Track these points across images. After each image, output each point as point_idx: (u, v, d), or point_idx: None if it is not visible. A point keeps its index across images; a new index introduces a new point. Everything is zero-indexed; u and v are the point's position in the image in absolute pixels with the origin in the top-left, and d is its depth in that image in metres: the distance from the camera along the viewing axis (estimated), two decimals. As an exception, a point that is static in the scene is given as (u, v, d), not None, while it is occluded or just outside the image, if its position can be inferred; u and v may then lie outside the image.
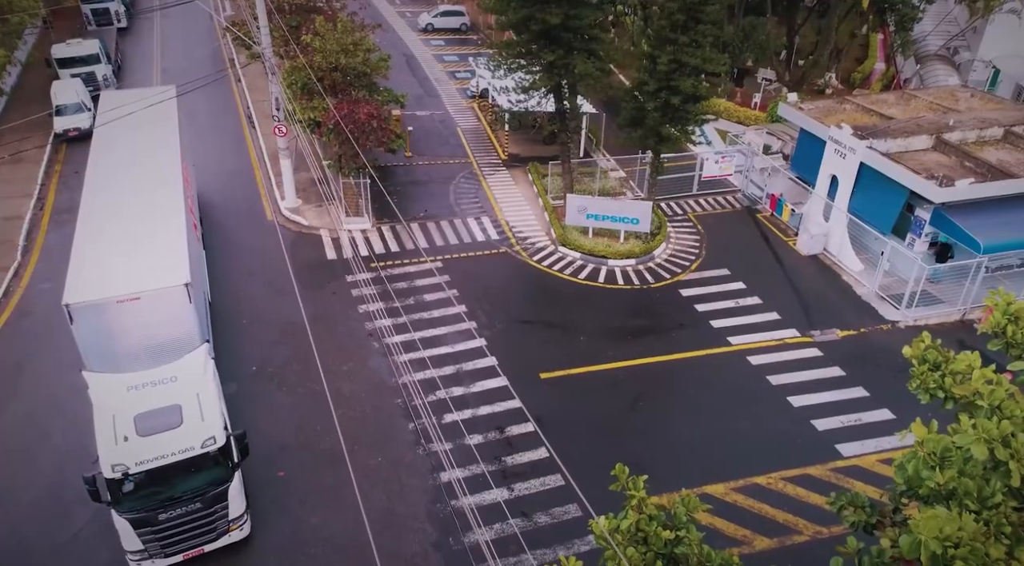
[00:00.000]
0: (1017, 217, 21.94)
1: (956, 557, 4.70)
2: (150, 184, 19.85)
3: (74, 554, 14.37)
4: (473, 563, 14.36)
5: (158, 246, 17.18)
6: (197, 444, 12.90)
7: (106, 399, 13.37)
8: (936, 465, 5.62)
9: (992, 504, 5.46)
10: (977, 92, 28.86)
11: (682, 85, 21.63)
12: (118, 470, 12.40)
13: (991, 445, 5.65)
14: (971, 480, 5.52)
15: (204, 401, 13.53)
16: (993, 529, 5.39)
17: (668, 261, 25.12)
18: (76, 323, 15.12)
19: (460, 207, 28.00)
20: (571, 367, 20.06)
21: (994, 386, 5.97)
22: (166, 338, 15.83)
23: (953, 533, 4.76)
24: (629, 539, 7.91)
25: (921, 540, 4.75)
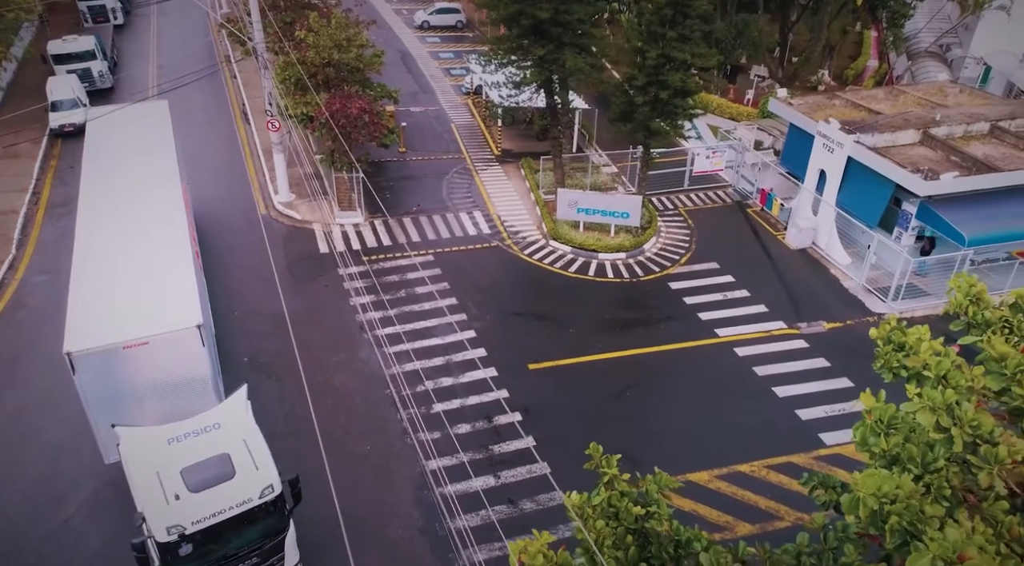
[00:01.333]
0: (1002, 211, 22.15)
1: (892, 512, 4.91)
2: (151, 214, 18.23)
3: (65, 540, 14.58)
4: (458, 547, 14.57)
5: (165, 284, 15.68)
6: (255, 494, 11.89)
7: (145, 454, 12.27)
8: (882, 432, 5.83)
9: (934, 468, 5.67)
10: (966, 88, 29.08)
11: (670, 79, 21.84)
12: (174, 532, 11.25)
13: (936, 413, 5.87)
14: (915, 446, 5.73)
15: (253, 447, 12.53)
16: (934, 491, 5.60)
17: (658, 255, 25.33)
18: (79, 372, 13.52)
19: (452, 202, 28.20)
20: (559, 358, 20.27)
21: (941, 358, 6.18)
22: (178, 384, 14.52)
23: (890, 491, 4.97)
24: (600, 514, 8.12)
25: (860, 497, 4.96)
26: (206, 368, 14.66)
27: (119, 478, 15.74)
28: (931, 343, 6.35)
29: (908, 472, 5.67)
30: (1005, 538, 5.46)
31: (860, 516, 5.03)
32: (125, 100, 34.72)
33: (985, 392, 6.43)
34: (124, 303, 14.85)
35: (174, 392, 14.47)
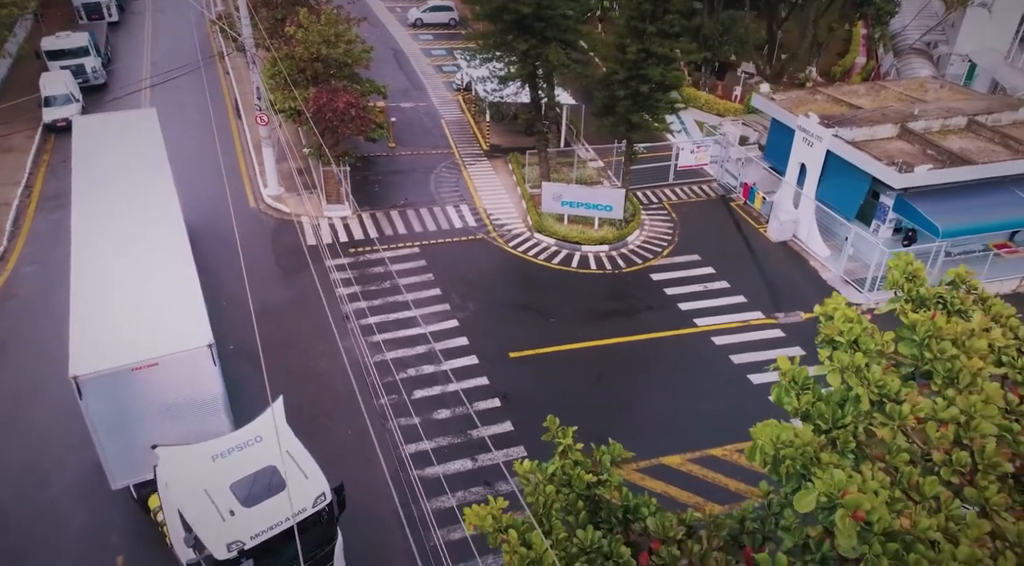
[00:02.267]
0: (977, 203, 22.54)
1: (786, 456, 5.31)
2: (151, 231, 17.40)
3: (51, 518, 14.98)
4: (434, 526, 14.96)
5: (172, 302, 14.95)
6: (308, 504, 11.79)
7: (191, 473, 11.98)
8: (795, 391, 6.23)
9: (841, 425, 6.06)
10: (946, 83, 29.46)
11: (651, 73, 22.22)
12: (234, 548, 11.05)
13: (844, 374, 6.27)
14: (824, 404, 6.12)
15: (298, 457, 12.42)
16: (840, 445, 6.00)
17: (641, 247, 25.72)
18: (86, 396, 12.93)
19: (440, 195, 28.59)
20: (540, 347, 20.67)
21: (852, 324, 6.57)
22: (188, 404, 14.02)
23: (786, 439, 5.37)
24: (553, 481, 8.52)
25: (759, 444, 5.35)
26: (217, 387, 14.15)
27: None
28: (845, 311, 6.74)
29: (817, 428, 6.07)
30: (904, 486, 5.86)
31: (758, 461, 5.42)
32: (118, 96, 35.15)
33: (897, 357, 6.83)
34: (130, 323, 14.09)
35: (184, 413, 13.97)
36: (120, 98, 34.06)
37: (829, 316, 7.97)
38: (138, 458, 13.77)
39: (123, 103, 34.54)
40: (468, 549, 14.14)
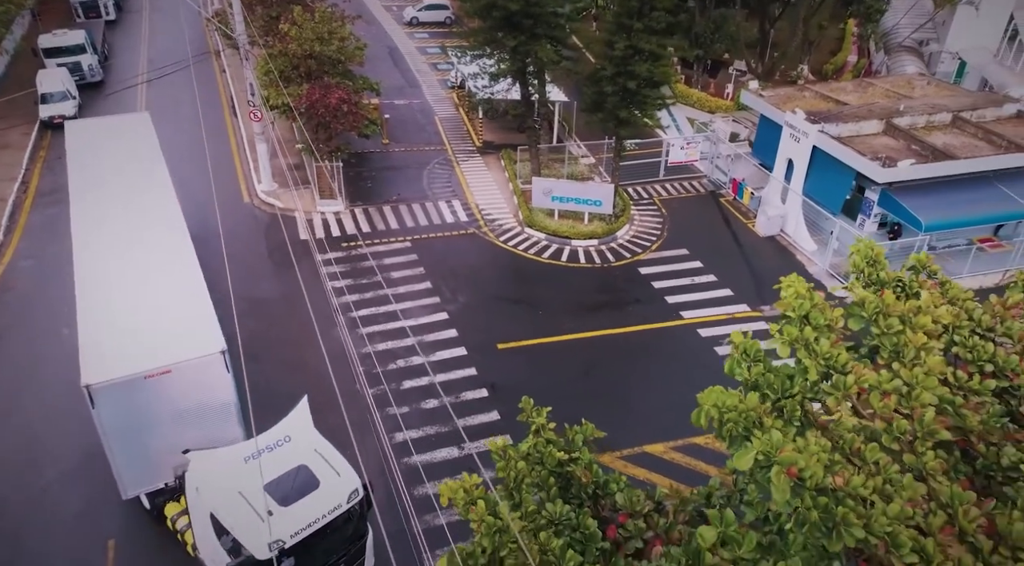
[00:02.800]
0: (960, 198, 22.85)
1: (729, 420, 5.61)
2: (155, 236, 17.23)
3: (45, 505, 15.28)
4: (414, 514, 15.26)
5: (182, 308, 14.71)
6: (343, 500, 11.92)
7: (224, 476, 11.94)
8: (746, 363, 6.53)
9: (789, 394, 6.37)
10: (933, 80, 29.77)
11: (638, 70, 22.51)
12: (275, 547, 11.11)
13: (794, 346, 6.57)
14: (773, 376, 6.43)
15: (327, 455, 12.54)
16: (787, 413, 6.30)
17: (630, 242, 26.02)
18: (98, 405, 12.78)
19: (432, 191, 28.89)
20: (528, 338, 20.97)
21: (803, 300, 6.87)
22: (200, 411, 13.91)
23: (729, 403, 5.67)
24: (526, 459, 8.83)
25: (704, 408, 5.66)
26: (230, 394, 14.03)
27: (96, 450, 16.49)
28: (796, 288, 7.04)
29: (766, 397, 6.37)
30: (846, 452, 6.17)
31: (703, 423, 5.73)
32: (115, 93, 35.50)
33: (847, 331, 7.14)
34: (141, 330, 13.87)
35: (196, 420, 13.85)
36: (117, 92, 34.44)
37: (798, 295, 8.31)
38: (150, 467, 13.76)
39: (120, 99, 34.92)
40: (450, 536, 14.43)
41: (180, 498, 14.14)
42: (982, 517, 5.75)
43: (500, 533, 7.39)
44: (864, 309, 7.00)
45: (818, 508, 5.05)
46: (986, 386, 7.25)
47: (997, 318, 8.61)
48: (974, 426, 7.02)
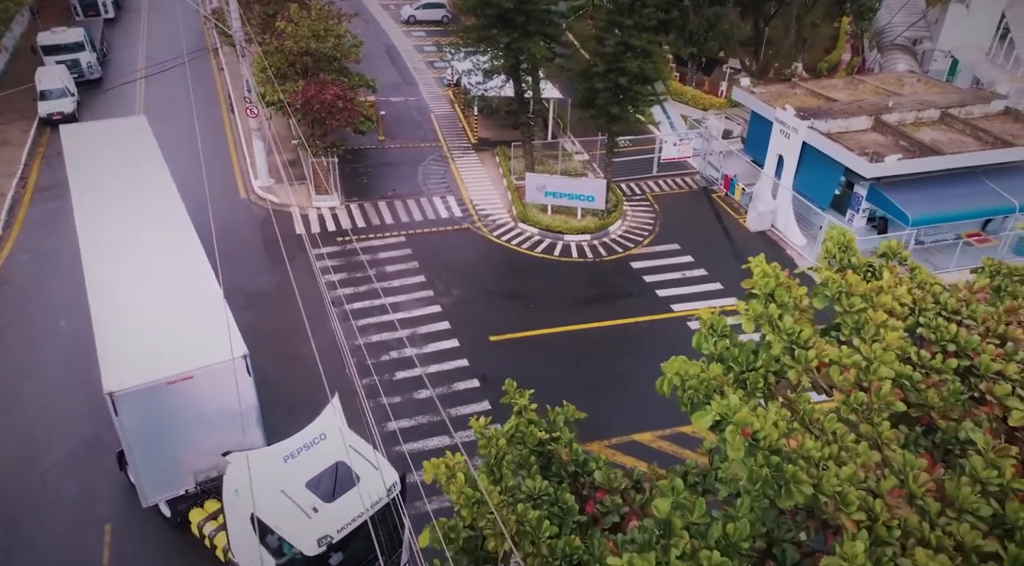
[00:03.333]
0: (947, 193, 23.13)
1: (689, 386, 5.91)
2: (162, 238, 17.20)
3: (42, 491, 15.57)
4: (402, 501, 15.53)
5: (200, 313, 14.60)
6: (383, 493, 12.11)
7: (266, 476, 11.92)
8: (713, 337, 6.82)
9: (752, 368, 6.66)
10: (923, 77, 30.07)
11: (629, 66, 22.80)
12: (323, 543, 11.27)
13: (758, 322, 6.86)
14: (738, 349, 6.72)
15: (362, 451, 12.70)
16: (750, 385, 6.59)
17: (623, 236, 26.31)
18: (122, 413, 12.70)
19: (427, 187, 29.17)
20: (521, 331, 21.25)
21: (769, 279, 7.16)
22: (222, 416, 13.90)
23: (692, 373, 5.96)
24: (508, 438, 9.12)
25: (667, 376, 5.95)
26: (252, 398, 14.05)
27: (92, 439, 16.85)
28: (763, 268, 7.33)
29: (730, 369, 6.66)
30: (806, 422, 6.46)
31: (666, 390, 6.03)
32: (113, 89, 35.81)
33: (811, 309, 7.42)
34: (160, 336, 13.74)
35: (218, 425, 13.83)
36: (115, 88, 34.74)
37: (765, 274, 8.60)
38: (171, 474, 13.78)
39: (118, 97, 35.23)
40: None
41: (204, 503, 14.30)
42: (931, 482, 6.04)
43: (478, 504, 7.67)
44: (828, 289, 7.29)
45: (770, 466, 5.33)
46: (948, 365, 7.53)
47: (963, 302, 8.92)
48: (935, 403, 7.31)
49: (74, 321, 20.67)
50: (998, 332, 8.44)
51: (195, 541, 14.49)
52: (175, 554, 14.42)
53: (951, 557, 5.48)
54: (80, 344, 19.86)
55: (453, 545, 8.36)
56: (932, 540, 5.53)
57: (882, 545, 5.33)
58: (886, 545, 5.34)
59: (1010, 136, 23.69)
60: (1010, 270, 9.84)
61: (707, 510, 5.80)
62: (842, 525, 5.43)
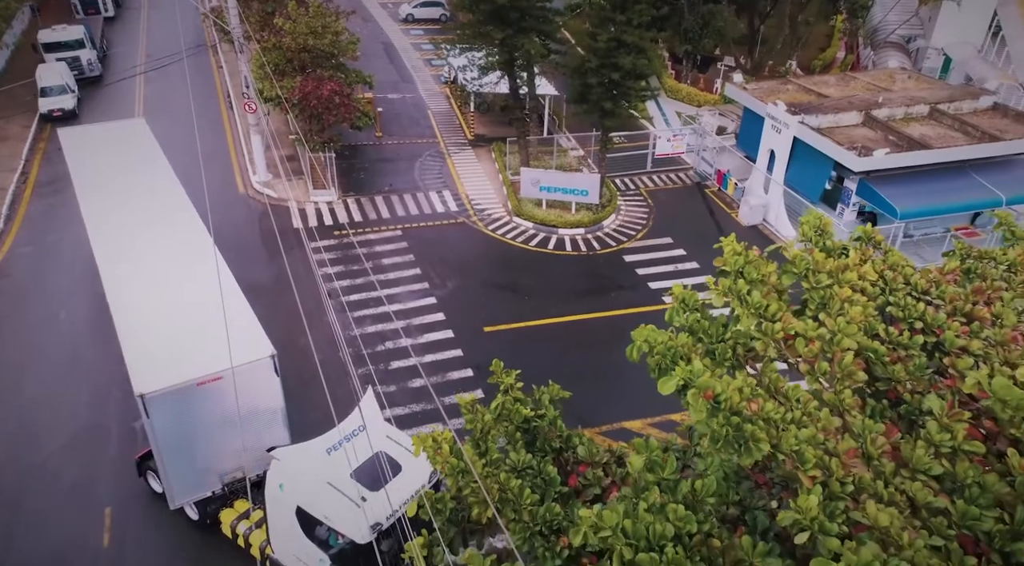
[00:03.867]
0: (935, 187, 23.47)
1: (655, 352, 6.24)
2: (175, 238, 17.30)
3: (43, 476, 15.90)
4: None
5: (221, 313, 14.33)
6: (425, 480, 12.41)
7: (311, 469, 12.24)
8: (684, 310, 7.16)
9: (721, 339, 6.99)
10: (914, 74, 30.40)
11: (621, 62, 23.13)
12: (376, 530, 11.56)
13: (727, 297, 7.20)
14: (708, 322, 7.05)
15: (400, 440, 13.02)
16: (718, 356, 6.93)
17: (616, 231, 26.65)
18: (152, 415, 12.83)
19: (424, 182, 29.51)
20: (514, 322, 21.59)
21: (738, 256, 7.49)
22: (249, 417, 13.91)
23: (660, 340, 6.30)
24: (496, 417, 9.46)
25: (636, 343, 6.29)
26: (279, 398, 14.20)
27: (92, 426, 17.21)
28: (734, 246, 7.66)
29: (700, 341, 6.99)
30: (771, 390, 6.79)
31: (635, 356, 6.37)
32: (113, 87, 36.15)
33: (779, 286, 7.75)
34: (186, 337, 13.79)
35: (245, 425, 13.85)
36: (115, 83, 35.08)
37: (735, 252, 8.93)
38: (199, 475, 13.91)
39: (119, 93, 35.59)
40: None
41: (234, 503, 14.54)
42: (888, 445, 6.37)
43: (463, 474, 8.00)
44: (796, 266, 7.62)
45: (731, 426, 5.66)
46: (915, 341, 7.88)
47: (932, 283, 9.27)
48: (902, 377, 7.65)
49: (74, 313, 21.05)
50: (964, 311, 8.80)
51: (192, 526, 14.85)
52: (173, 537, 14.76)
53: (901, 511, 5.81)
54: (80, 335, 20.29)
55: (440, 516, 8.69)
56: (884, 496, 5.86)
57: (835, 499, 5.66)
58: (839, 499, 5.66)
59: (998, 131, 24.03)
60: (980, 254, 10.21)
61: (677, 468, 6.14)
62: (799, 482, 5.76)
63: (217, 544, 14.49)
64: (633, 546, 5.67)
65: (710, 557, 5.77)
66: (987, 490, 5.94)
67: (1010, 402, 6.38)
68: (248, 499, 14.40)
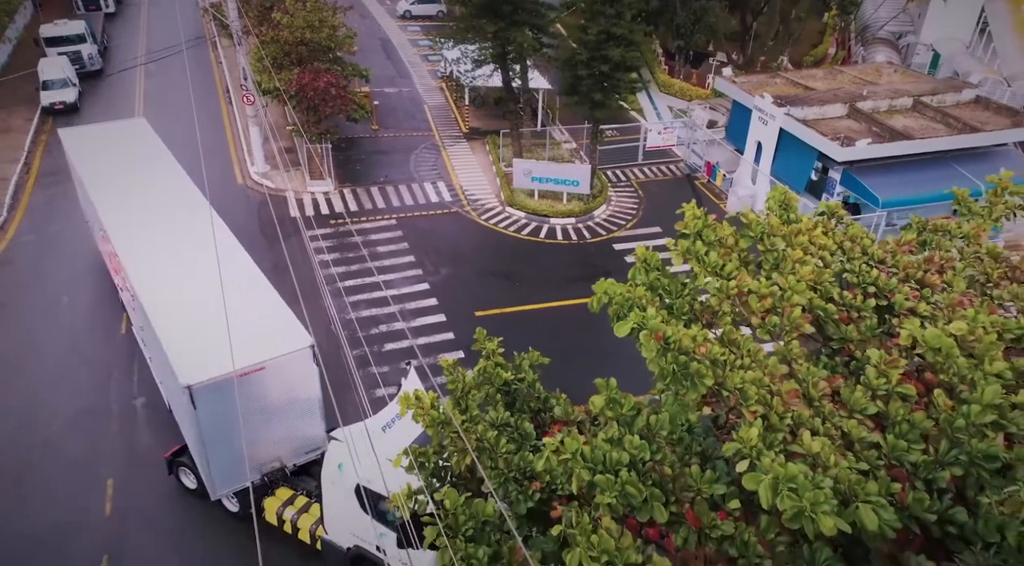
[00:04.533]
0: (916, 177, 24.03)
1: (615, 302, 6.81)
2: (196, 232, 17.25)
3: (46, 450, 16.46)
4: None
5: (254, 303, 14.79)
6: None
7: (370, 447, 12.19)
8: (645, 269, 7.72)
9: (679, 295, 7.56)
10: (900, 68, 30.96)
11: (611, 54, 23.70)
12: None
13: (686, 257, 7.77)
14: (668, 279, 7.62)
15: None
16: (676, 310, 7.50)
17: (607, 220, 27.22)
18: (199, 406, 12.99)
19: (419, 173, 30.07)
20: (506, 306, 22.16)
21: (697, 220, 8.06)
22: (288, 406, 14.18)
23: (618, 291, 6.87)
24: (478, 378, 10.03)
25: (597, 294, 6.86)
26: (316, 388, 14.37)
27: (93, 406, 17.77)
28: (694, 211, 8.24)
29: (660, 297, 7.56)
30: (725, 342, 7.35)
31: (595, 306, 6.94)
32: (114, 81, 36.72)
33: (738, 249, 8.32)
34: (224, 329, 13.39)
35: (283, 415, 14.14)
36: (116, 74, 35.70)
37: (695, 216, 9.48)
38: (239, 466, 13.91)
39: (120, 87, 36.16)
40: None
41: (275, 491, 14.92)
42: (828, 389, 6.94)
43: (443, 425, 8.57)
44: (752, 230, 8.19)
45: (678, 365, 6.23)
46: (867, 304, 8.47)
47: (888, 253, 9.86)
48: (854, 336, 8.24)
49: (76, 299, 21.62)
50: (917, 278, 9.39)
51: (190, 495, 15.42)
52: (171, 507, 15.33)
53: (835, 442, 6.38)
54: (82, 319, 20.87)
55: (424, 470, 9.26)
56: (820, 431, 6.43)
57: (774, 431, 6.22)
58: (778, 431, 6.23)
59: (979, 123, 24.59)
60: (936, 227, 10.80)
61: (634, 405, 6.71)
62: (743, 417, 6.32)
63: (212, 511, 15.08)
64: (591, 469, 6.23)
65: (662, 483, 6.33)
66: (915, 426, 6.51)
67: (941, 349, 6.96)
68: (290, 487, 14.80)
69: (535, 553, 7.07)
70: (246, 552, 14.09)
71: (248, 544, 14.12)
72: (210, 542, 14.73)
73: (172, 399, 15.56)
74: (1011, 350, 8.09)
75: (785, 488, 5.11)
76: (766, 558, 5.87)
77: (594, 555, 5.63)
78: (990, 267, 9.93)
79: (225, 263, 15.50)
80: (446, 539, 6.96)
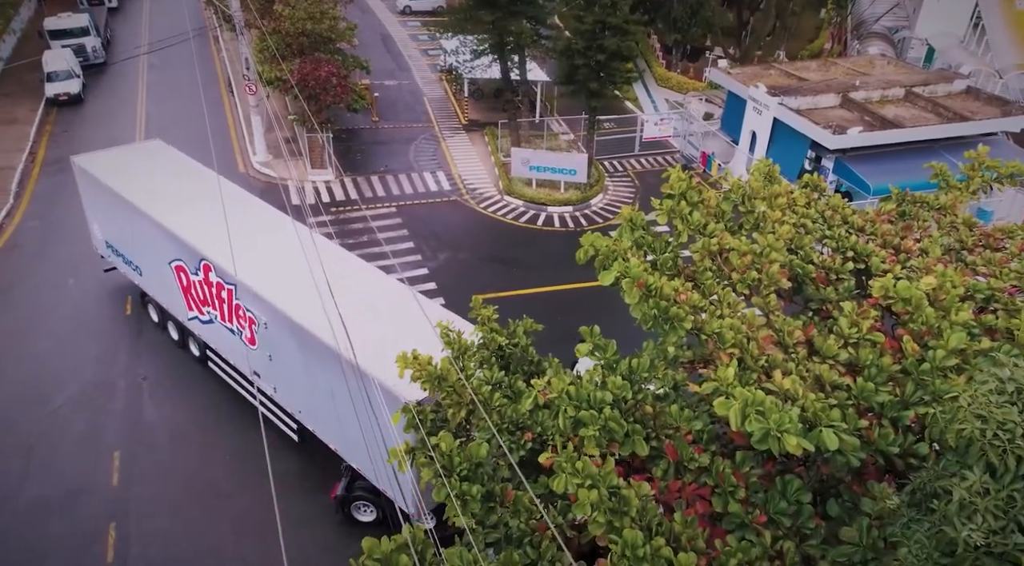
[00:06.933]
0: (907, 165, 24.38)
1: (600, 254, 7.23)
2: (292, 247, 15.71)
3: (55, 424, 16.87)
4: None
5: (406, 310, 14.04)
6: None
7: None
8: (631, 228, 8.14)
9: (663, 252, 7.97)
10: (892, 60, 31.38)
11: (606, 44, 24.10)
12: None
13: (671, 216, 8.19)
14: (651, 236, 8.04)
15: None
16: (660, 266, 7.91)
17: (603, 209, 27.64)
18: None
19: (418, 163, 30.48)
20: (503, 290, 22.57)
21: (682, 182, 8.48)
22: None
23: (604, 244, 7.28)
24: (476, 346, 10.45)
25: (584, 246, 7.28)
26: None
27: (99, 382, 18.18)
28: (678, 174, 8.65)
29: (645, 253, 7.98)
30: (707, 295, 7.78)
31: (582, 258, 7.35)
32: (116, 73, 37.17)
33: (718, 210, 8.75)
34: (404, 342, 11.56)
35: None
36: (119, 62, 36.17)
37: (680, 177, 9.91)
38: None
39: (122, 78, 36.57)
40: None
41: None
42: (802, 337, 7.36)
43: (439, 380, 8.98)
44: (734, 193, 8.61)
45: (659, 310, 6.65)
46: (845, 268, 8.90)
47: (868, 221, 10.28)
48: (832, 297, 8.67)
49: (82, 281, 22.03)
50: (894, 244, 9.83)
51: (195, 473, 15.83)
52: (175, 477, 15.73)
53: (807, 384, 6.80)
54: (88, 300, 21.29)
55: (423, 425, 9.68)
56: (793, 372, 6.85)
57: (748, 371, 6.64)
58: (752, 371, 6.65)
59: (969, 112, 25.00)
60: (914, 198, 11.23)
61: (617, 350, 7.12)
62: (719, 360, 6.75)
63: (215, 478, 15.51)
64: (576, 406, 6.65)
65: (643, 420, 6.75)
66: (883, 370, 6.94)
67: (911, 300, 7.38)
68: None
69: (524, 494, 7.49)
70: (246, 518, 14.54)
71: (252, 507, 14.57)
72: (213, 510, 15.15)
73: (343, 421, 13.88)
74: (982, 311, 8.53)
75: (753, 411, 5.52)
76: (740, 487, 6.29)
77: (578, 481, 6.05)
78: (965, 235, 10.36)
79: (352, 273, 15.31)
80: (443, 479, 7.37)
